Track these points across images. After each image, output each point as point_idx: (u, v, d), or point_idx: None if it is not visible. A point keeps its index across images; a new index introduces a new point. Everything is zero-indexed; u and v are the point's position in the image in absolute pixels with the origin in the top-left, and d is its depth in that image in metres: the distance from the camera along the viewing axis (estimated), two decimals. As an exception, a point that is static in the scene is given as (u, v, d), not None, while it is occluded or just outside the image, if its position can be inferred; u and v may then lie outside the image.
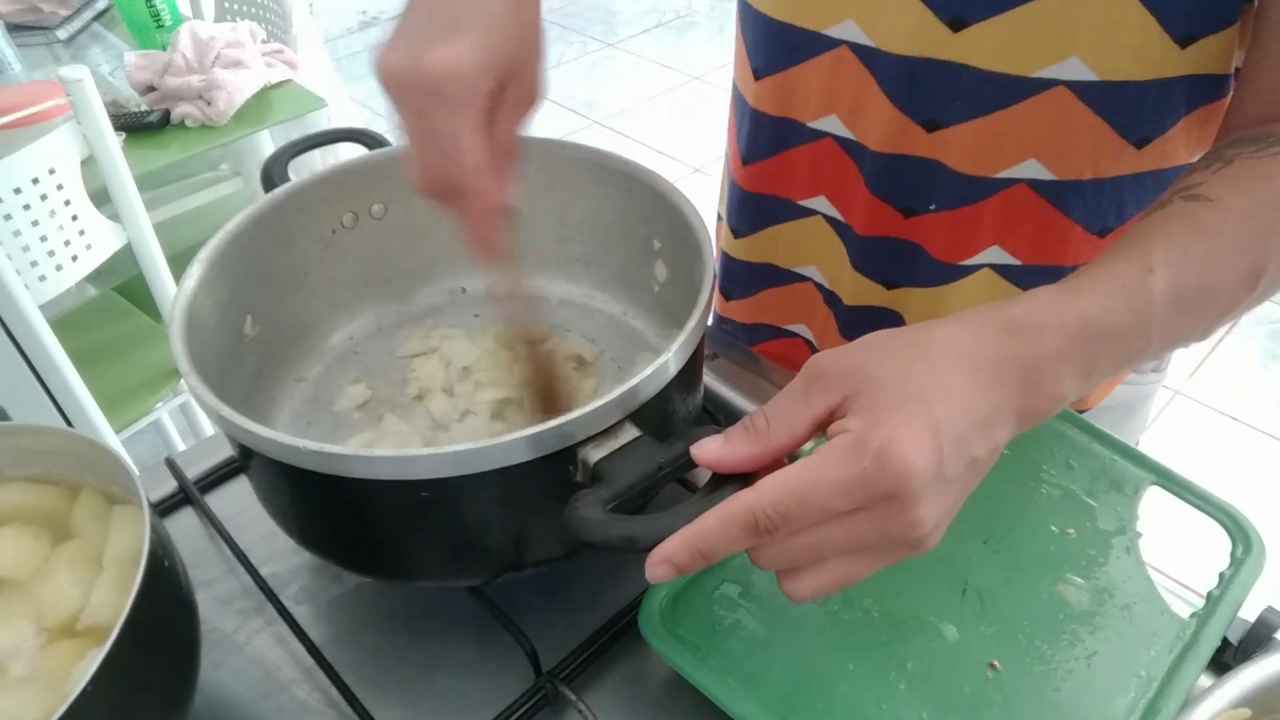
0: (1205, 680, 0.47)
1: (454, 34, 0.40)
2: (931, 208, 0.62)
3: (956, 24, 0.54)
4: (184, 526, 0.60)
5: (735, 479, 0.37)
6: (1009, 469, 0.56)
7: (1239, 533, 0.52)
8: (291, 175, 0.60)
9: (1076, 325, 0.38)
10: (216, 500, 0.61)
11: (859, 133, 0.62)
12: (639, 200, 0.59)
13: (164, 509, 0.60)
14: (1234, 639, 0.48)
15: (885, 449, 0.33)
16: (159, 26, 1.64)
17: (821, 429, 0.37)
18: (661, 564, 0.36)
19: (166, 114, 1.49)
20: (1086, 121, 0.55)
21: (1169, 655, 0.47)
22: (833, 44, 0.59)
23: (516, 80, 0.43)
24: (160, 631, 0.41)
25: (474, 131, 0.41)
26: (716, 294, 0.82)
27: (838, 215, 0.68)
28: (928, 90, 0.57)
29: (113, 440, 1.38)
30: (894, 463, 0.33)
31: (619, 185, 0.60)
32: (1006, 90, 0.55)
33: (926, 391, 0.35)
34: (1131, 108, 0.54)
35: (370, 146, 0.63)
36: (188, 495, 0.60)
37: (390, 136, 0.62)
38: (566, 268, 0.67)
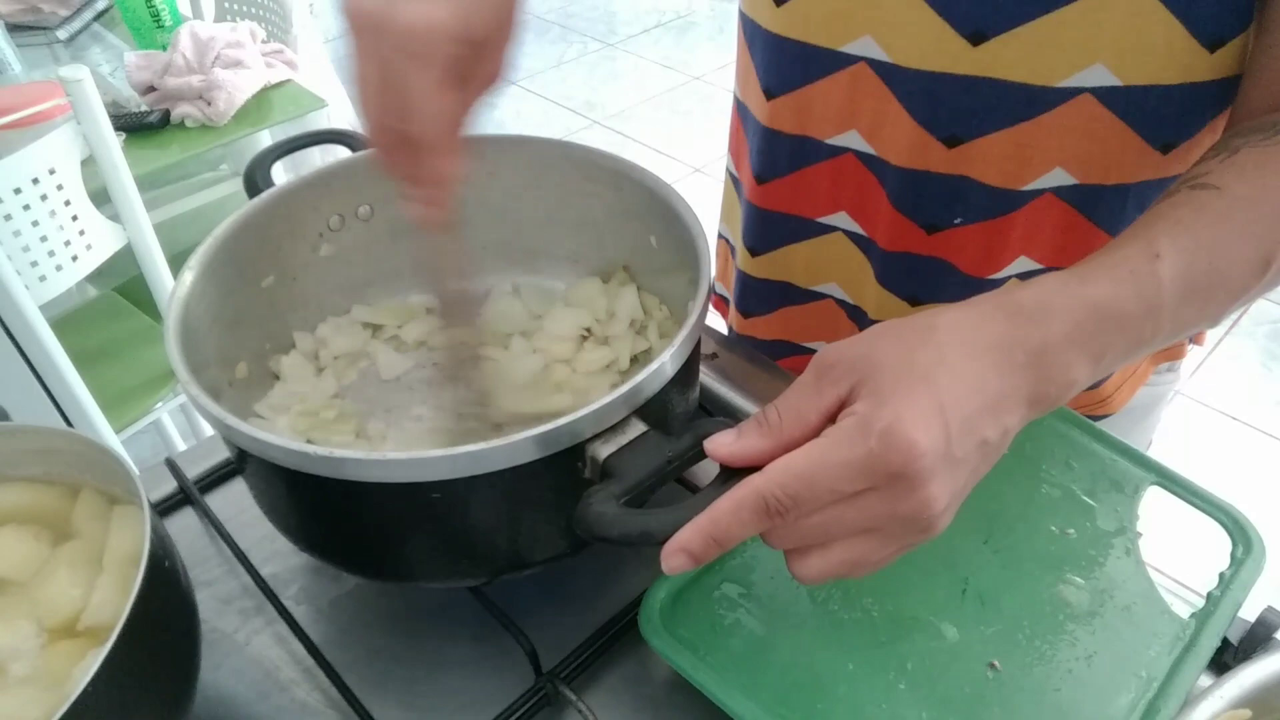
0: (1205, 680, 0.47)
1: None
2: (957, 222, 0.61)
3: (977, 38, 0.53)
4: (184, 526, 0.60)
5: (746, 472, 0.37)
6: (1009, 469, 0.56)
7: (1239, 533, 0.52)
8: (277, 178, 0.60)
9: (1084, 310, 0.38)
10: (217, 500, 0.61)
11: (880, 148, 0.62)
12: (631, 198, 0.59)
13: (164, 509, 0.60)
14: (1234, 639, 0.48)
15: (890, 429, 0.33)
16: (159, 26, 1.64)
17: (832, 420, 0.37)
18: (677, 554, 0.36)
19: (166, 114, 1.49)
20: (1113, 128, 0.54)
21: (1169, 655, 0.47)
22: (850, 61, 0.58)
23: (485, 56, 0.44)
24: (160, 632, 0.41)
25: (439, 89, 0.41)
26: (734, 312, 0.82)
27: (860, 231, 0.67)
28: (949, 105, 0.56)
29: (113, 440, 1.38)
30: (899, 442, 0.33)
31: (610, 183, 0.60)
32: (1031, 101, 0.54)
33: (932, 373, 0.35)
34: (1157, 113, 0.54)
35: (354, 148, 0.62)
36: (188, 495, 0.60)
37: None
38: (556, 265, 0.67)
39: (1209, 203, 0.43)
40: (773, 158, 0.68)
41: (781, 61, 0.63)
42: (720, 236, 0.84)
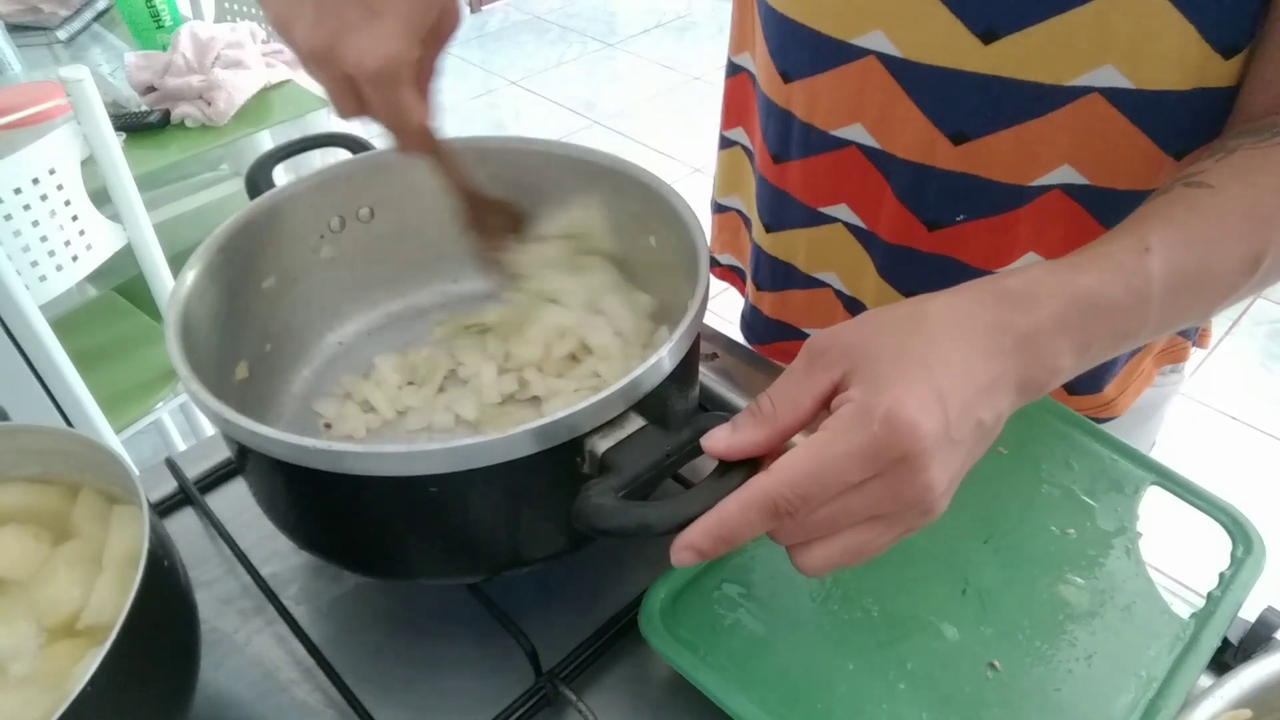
0: (1205, 680, 0.47)
1: (374, 14, 0.42)
2: (960, 219, 0.61)
3: (988, 36, 0.53)
4: (184, 526, 0.60)
5: (744, 463, 0.38)
6: (1009, 469, 0.56)
7: (1239, 533, 0.52)
8: (278, 180, 0.60)
9: (1071, 298, 0.38)
10: (216, 500, 0.61)
11: (885, 142, 0.61)
12: (629, 198, 0.59)
13: (164, 509, 0.60)
14: (1234, 639, 0.48)
15: (892, 413, 0.34)
16: (159, 27, 1.65)
17: (826, 405, 0.37)
18: (685, 550, 0.36)
19: (166, 114, 1.50)
20: (1122, 129, 0.54)
21: (1169, 655, 0.47)
22: (860, 54, 0.58)
23: (439, 24, 0.46)
24: (160, 631, 0.41)
25: (414, 89, 0.45)
26: (750, 283, 0.82)
27: (861, 224, 0.67)
28: (958, 102, 0.56)
29: (113, 440, 1.38)
30: (902, 425, 0.33)
31: (608, 183, 0.60)
32: (1039, 99, 0.54)
33: (926, 358, 0.35)
34: (1170, 117, 0.53)
35: (355, 150, 0.62)
36: (188, 495, 0.60)
37: (377, 141, 0.62)
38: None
39: (1202, 201, 0.43)
40: (787, 140, 0.68)
41: (794, 47, 0.63)
42: (726, 209, 0.83)
